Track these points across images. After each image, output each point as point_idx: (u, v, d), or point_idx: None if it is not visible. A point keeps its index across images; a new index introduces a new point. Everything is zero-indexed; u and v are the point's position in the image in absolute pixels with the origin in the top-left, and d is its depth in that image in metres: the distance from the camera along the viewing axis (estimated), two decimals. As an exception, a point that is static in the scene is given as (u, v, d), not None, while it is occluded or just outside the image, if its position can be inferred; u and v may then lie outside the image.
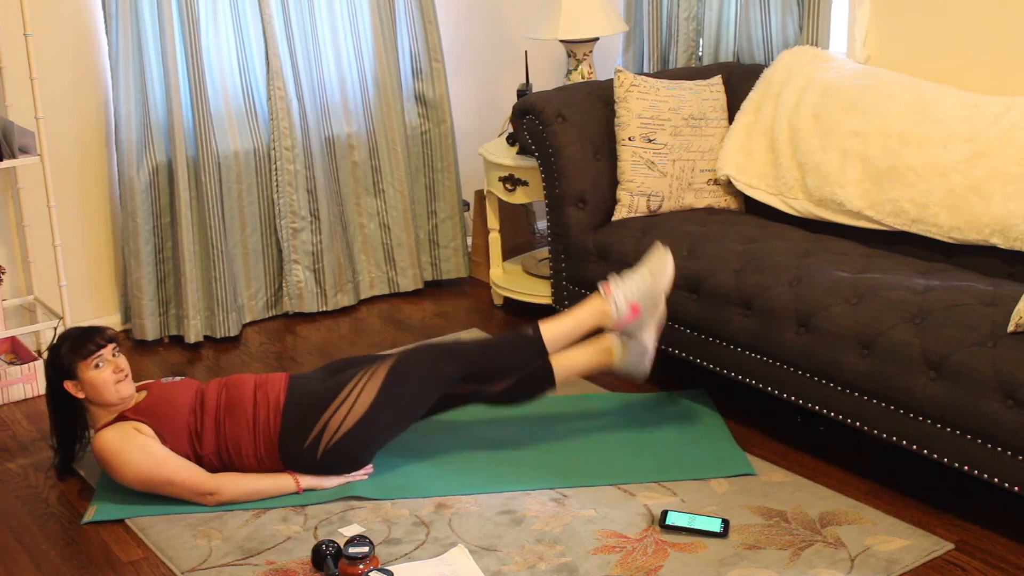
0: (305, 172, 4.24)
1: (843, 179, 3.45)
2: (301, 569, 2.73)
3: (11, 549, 2.90)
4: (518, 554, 2.76)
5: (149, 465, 2.96)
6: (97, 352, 3.02)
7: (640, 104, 3.72)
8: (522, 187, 4.11)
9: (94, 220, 4.10)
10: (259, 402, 3.05)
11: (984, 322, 2.78)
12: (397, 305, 4.45)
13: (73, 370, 3.02)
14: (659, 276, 3.14)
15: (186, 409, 3.05)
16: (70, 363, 3.02)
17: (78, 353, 3.02)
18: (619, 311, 3.12)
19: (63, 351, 3.04)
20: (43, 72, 3.72)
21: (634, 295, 3.13)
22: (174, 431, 3.01)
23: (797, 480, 3.05)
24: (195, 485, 2.97)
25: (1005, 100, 3.26)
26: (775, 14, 3.97)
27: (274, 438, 3.01)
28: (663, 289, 3.13)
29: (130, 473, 2.96)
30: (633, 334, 3.17)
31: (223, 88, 4.12)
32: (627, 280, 3.15)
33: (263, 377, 3.14)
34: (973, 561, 2.70)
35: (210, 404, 3.06)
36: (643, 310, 3.13)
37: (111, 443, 2.97)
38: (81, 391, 3.03)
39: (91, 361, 3.01)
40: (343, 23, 4.28)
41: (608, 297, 3.12)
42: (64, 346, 3.05)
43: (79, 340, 3.05)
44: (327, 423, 3.00)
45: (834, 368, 2.99)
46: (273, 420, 3.02)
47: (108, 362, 3.03)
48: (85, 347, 3.03)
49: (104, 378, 3.02)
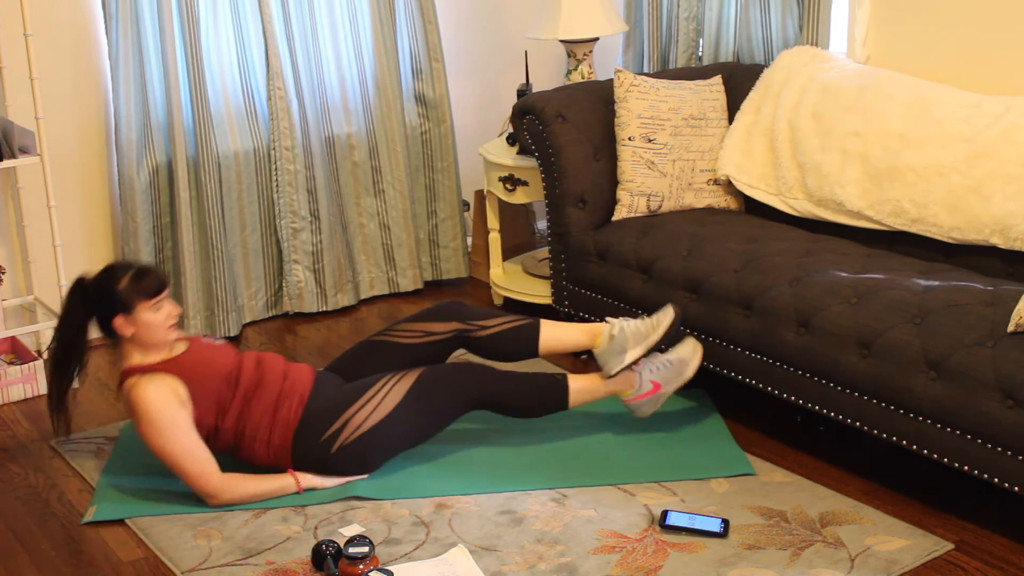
0: (305, 172, 4.24)
1: (843, 179, 3.45)
2: (301, 569, 2.73)
3: (11, 549, 2.90)
4: (518, 554, 2.76)
5: (171, 445, 2.92)
6: (161, 294, 2.98)
7: (640, 104, 3.72)
8: (522, 187, 4.11)
9: (94, 220, 4.10)
10: (284, 393, 3.04)
11: (984, 322, 2.78)
12: (397, 305, 4.44)
13: (131, 307, 2.95)
14: (685, 370, 3.24)
15: (221, 378, 3.02)
16: (130, 299, 2.95)
17: (143, 291, 2.96)
18: (641, 386, 3.23)
19: (125, 286, 2.96)
20: (43, 72, 3.72)
21: (658, 377, 3.23)
22: (205, 397, 2.98)
23: (797, 480, 3.05)
24: (203, 484, 2.96)
25: (1005, 100, 3.26)
26: (775, 14, 3.97)
27: (291, 430, 3.01)
28: (686, 379, 3.24)
29: (152, 438, 2.92)
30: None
31: (223, 88, 4.12)
32: (656, 362, 3.25)
33: (292, 367, 3.13)
34: (973, 561, 2.70)
35: (244, 379, 3.04)
36: (663, 390, 3.23)
37: (148, 401, 2.92)
38: (131, 328, 2.97)
39: (153, 302, 2.97)
40: (343, 23, 4.28)
41: (635, 371, 3.22)
42: (125, 281, 2.97)
43: (143, 277, 2.98)
44: (348, 420, 3.00)
45: (834, 368, 2.99)
46: (295, 413, 3.02)
47: (167, 302, 3.00)
48: (152, 286, 2.97)
49: (160, 321, 2.98)
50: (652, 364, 3.23)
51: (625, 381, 3.22)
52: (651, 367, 3.23)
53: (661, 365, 3.23)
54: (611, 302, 3.63)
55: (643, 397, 3.22)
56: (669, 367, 3.23)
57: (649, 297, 3.48)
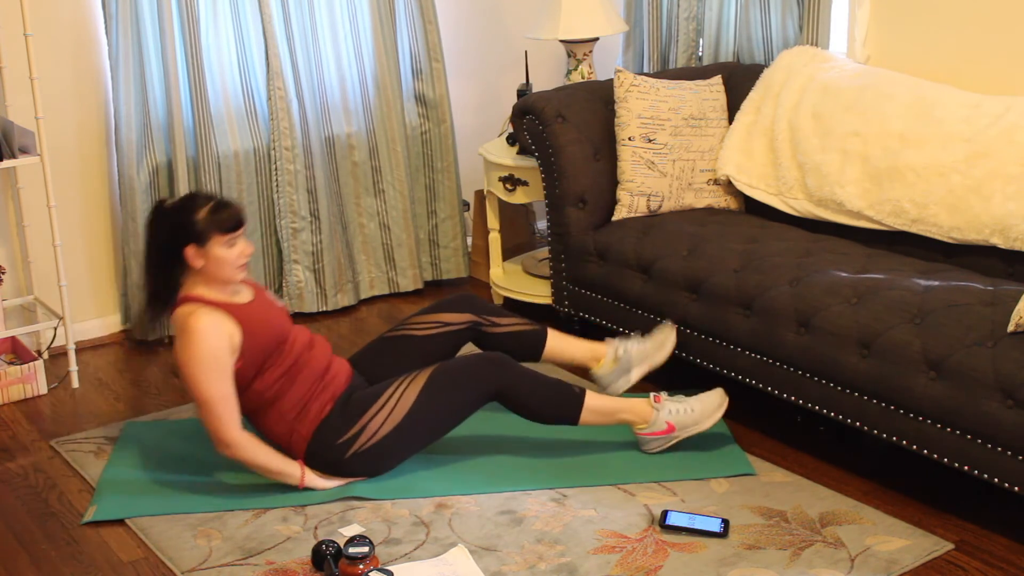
0: (305, 172, 4.24)
1: (843, 179, 3.45)
2: (301, 569, 2.73)
3: (11, 549, 2.90)
4: (518, 554, 2.76)
5: (209, 384, 2.88)
6: (237, 231, 2.95)
7: (640, 104, 3.72)
8: (522, 187, 4.11)
9: (94, 220, 4.10)
10: (323, 385, 3.04)
11: (984, 322, 2.78)
12: (397, 305, 4.45)
13: (205, 238, 2.92)
14: (707, 418, 3.16)
15: (274, 342, 3.00)
16: (206, 230, 2.91)
17: (221, 225, 2.92)
18: (656, 423, 3.16)
19: (203, 216, 2.92)
20: (43, 72, 3.72)
21: (675, 420, 3.15)
22: (253, 353, 2.96)
23: (797, 480, 3.05)
24: (224, 432, 2.91)
25: (1005, 100, 3.26)
26: (775, 14, 3.97)
27: (315, 425, 3.00)
28: (702, 429, 3.16)
29: (191, 369, 2.89)
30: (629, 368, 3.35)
31: (223, 88, 4.12)
32: (680, 405, 3.17)
33: (335, 360, 3.12)
34: (973, 561, 2.70)
35: (292, 352, 3.02)
36: (676, 433, 3.16)
37: (202, 334, 2.88)
38: (201, 260, 2.93)
39: (228, 237, 2.93)
40: (343, 23, 4.28)
41: (656, 405, 3.16)
42: (204, 211, 2.92)
43: (222, 210, 2.94)
44: (366, 426, 3.00)
45: (834, 368, 2.99)
46: (324, 410, 3.02)
47: (241, 241, 2.97)
48: (230, 221, 2.93)
49: (232, 258, 2.94)
50: (675, 405, 3.15)
51: (641, 413, 3.14)
52: (672, 407, 3.15)
53: (683, 410, 3.15)
54: (611, 302, 3.63)
55: (655, 435, 3.16)
56: (690, 414, 3.14)
57: (649, 297, 3.48)
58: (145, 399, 3.72)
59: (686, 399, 3.16)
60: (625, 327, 3.59)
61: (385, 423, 3.00)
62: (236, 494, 3.06)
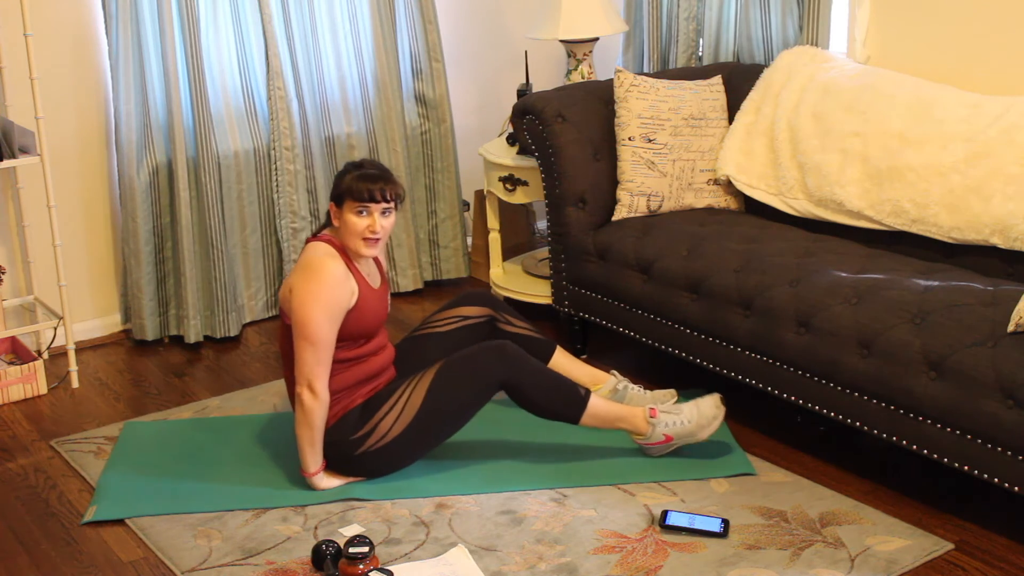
0: (305, 172, 4.24)
1: (843, 179, 3.45)
2: (301, 569, 2.73)
3: (11, 549, 2.90)
4: (518, 554, 2.76)
5: (321, 326, 2.92)
6: (367, 202, 2.96)
7: (640, 104, 3.72)
8: (522, 187, 4.11)
9: (94, 220, 4.10)
10: (366, 384, 3.06)
11: (984, 322, 2.78)
12: (397, 305, 4.44)
13: (343, 201, 2.98)
14: (703, 429, 3.14)
15: (369, 330, 3.05)
16: (343, 194, 2.98)
17: (353, 191, 2.97)
18: (652, 435, 3.14)
19: (346, 178, 2.99)
20: (43, 72, 3.72)
21: (672, 432, 3.14)
22: (349, 326, 3.00)
23: (797, 480, 3.06)
24: (318, 372, 2.93)
25: (1005, 100, 3.26)
26: (775, 14, 3.97)
27: (338, 416, 3.02)
28: (700, 439, 3.15)
29: (310, 303, 2.92)
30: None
31: (223, 88, 4.12)
32: (674, 415, 3.14)
33: (388, 370, 3.16)
34: (973, 561, 2.70)
35: (368, 347, 3.07)
36: (674, 442, 3.15)
37: (333, 274, 2.94)
38: (336, 220, 3.01)
39: (359, 205, 2.97)
40: (343, 23, 4.28)
41: (652, 421, 3.14)
42: (351, 175, 2.99)
43: (362, 180, 2.97)
44: (376, 426, 3.01)
45: (834, 368, 2.99)
46: (355, 403, 3.04)
47: (372, 216, 2.98)
48: (361, 191, 2.96)
49: (358, 228, 2.98)
50: (670, 418, 3.13)
51: (638, 426, 3.13)
52: (668, 420, 3.13)
53: (678, 422, 3.13)
54: (611, 302, 3.63)
55: (654, 444, 3.16)
56: (686, 426, 3.12)
57: (649, 297, 3.48)
58: (145, 399, 3.73)
59: (682, 408, 3.14)
60: (625, 327, 3.59)
61: (395, 425, 3.00)
62: (236, 494, 3.06)
